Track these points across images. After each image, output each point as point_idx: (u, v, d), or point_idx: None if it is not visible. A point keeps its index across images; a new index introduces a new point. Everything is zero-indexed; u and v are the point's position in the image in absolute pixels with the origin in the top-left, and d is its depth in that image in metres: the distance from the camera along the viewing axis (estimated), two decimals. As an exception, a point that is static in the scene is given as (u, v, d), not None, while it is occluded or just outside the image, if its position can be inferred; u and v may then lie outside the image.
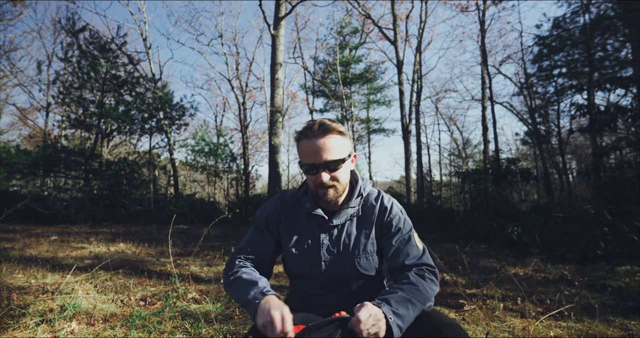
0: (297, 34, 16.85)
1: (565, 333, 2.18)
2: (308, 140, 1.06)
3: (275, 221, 1.19)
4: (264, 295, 0.97)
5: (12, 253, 4.38)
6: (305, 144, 1.07)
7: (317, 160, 1.04)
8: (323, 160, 1.04)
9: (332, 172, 1.07)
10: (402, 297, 0.98)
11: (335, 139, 1.06)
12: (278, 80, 9.65)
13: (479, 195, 7.28)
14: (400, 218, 1.18)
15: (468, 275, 3.74)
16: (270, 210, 1.21)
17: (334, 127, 1.06)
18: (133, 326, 2.19)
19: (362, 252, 1.15)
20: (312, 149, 1.05)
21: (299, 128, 1.10)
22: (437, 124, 28.22)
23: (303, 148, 1.07)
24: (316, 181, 1.07)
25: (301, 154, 1.09)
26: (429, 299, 1.03)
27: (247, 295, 1.00)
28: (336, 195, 1.10)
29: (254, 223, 1.23)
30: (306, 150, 1.06)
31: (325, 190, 1.08)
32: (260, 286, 1.02)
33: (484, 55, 12.68)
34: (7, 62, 16.20)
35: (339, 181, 1.09)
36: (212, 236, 7.02)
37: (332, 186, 1.08)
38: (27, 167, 10.09)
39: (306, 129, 1.07)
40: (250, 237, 1.21)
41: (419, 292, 1.01)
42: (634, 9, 6.92)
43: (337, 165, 1.06)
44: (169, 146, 13.12)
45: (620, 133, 8.11)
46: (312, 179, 1.08)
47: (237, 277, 1.09)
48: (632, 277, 3.62)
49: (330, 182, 1.07)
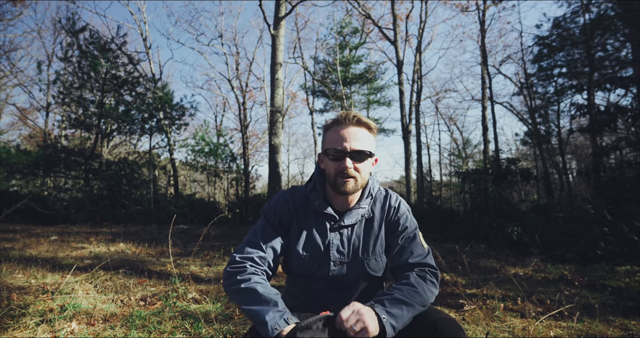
0: (297, 34, 16.86)
1: (565, 333, 2.18)
2: (339, 127, 1.06)
3: (289, 219, 1.15)
4: (286, 323, 0.91)
5: (12, 253, 4.38)
6: (335, 131, 1.07)
7: (345, 146, 1.04)
8: (351, 148, 1.04)
9: (357, 163, 1.06)
10: (397, 299, 0.97)
11: (366, 133, 1.08)
12: (278, 80, 9.65)
13: (479, 195, 7.28)
14: (407, 217, 1.18)
15: (468, 275, 3.74)
16: (283, 207, 1.16)
17: (367, 122, 1.08)
18: (133, 326, 2.19)
19: (372, 253, 1.14)
20: (343, 136, 1.05)
21: (331, 118, 1.12)
22: (437, 124, 28.26)
23: (332, 134, 1.07)
24: (339, 168, 1.05)
25: (329, 139, 1.08)
26: (427, 301, 1.02)
27: (264, 315, 0.92)
28: (355, 188, 1.08)
29: (263, 218, 1.16)
30: (335, 137, 1.06)
31: (346, 180, 1.06)
32: (280, 309, 0.95)
33: (484, 55, 12.68)
34: (7, 62, 16.23)
35: (360, 174, 1.07)
36: (212, 236, 7.03)
37: (353, 177, 1.06)
38: (27, 167, 10.09)
39: (340, 117, 1.07)
40: (262, 232, 1.12)
41: (417, 294, 1.00)
42: (634, 9, 6.92)
43: (364, 157, 1.06)
44: (169, 146, 13.13)
45: (620, 133, 8.11)
46: (335, 166, 1.06)
47: (250, 287, 1.00)
48: (632, 277, 3.62)
49: (352, 172, 1.05)
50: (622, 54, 8.30)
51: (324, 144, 1.11)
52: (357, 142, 1.05)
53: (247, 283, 1.00)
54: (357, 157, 1.05)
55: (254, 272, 1.05)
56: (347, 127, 1.06)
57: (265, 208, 1.18)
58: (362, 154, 1.05)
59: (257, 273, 1.05)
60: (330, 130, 1.10)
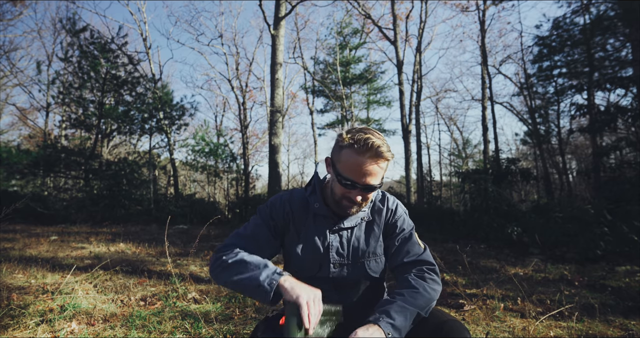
0: (297, 34, 16.86)
1: (565, 333, 2.18)
2: (358, 157, 1.00)
3: (283, 221, 1.16)
4: (280, 275, 0.94)
5: (12, 253, 4.38)
6: (354, 159, 1.00)
7: (360, 180, 1.01)
8: (365, 183, 1.01)
9: (367, 194, 1.06)
10: (401, 306, 0.97)
11: (383, 166, 1.03)
12: (278, 80, 9.65)
13: (479, 195, 7.28)
14: (404, 220, 1.20)
15: (468, 275, 3.74)
16: (279, 209, 1.16)
17: (387, 157, 1.02)
18: (133, 326, 2.19)
19: (372, 255, 1.15)
20: (360, 168, 1.00)
21: (351, 133, 1.02)
22: (437, 124, 28.34)
23: (350, 161, 1.01)
24: (348, 195, 1.05)
25: (345, 164, 1.02)
26: (431, 300, 1.03)
27: (258, 278, 0.93)
28: (357, 211, 1.10)
29: (257, 215, 1.17)
30: (353, 166, 1.01)
31: (351, 206, 1.07)
32: (271, 267, 0.97)
33: (484, 55, 12.68)
34: (7, 62, 16.21)
35: (367, 202, 1.09)
36: (212, 236, 7.03)
37: (359, 204, 1.07)
38: (27, 167, 10.09)
39: (361, 143, 0.99)
40: (253, 227, 1.13)
41: (419, 295, 1.01)
42: (634, 9, 6.92)
43: (375, 190, 1.06)
44: (169, 146, 13.13)
45: (620, 133, 8.11)
46: (344, 192, 1.05)
47: (238, 259, 1.01)
48: (632, 277, 3.62)
49: (360, 201, 1.06)
50: (622, 54, 8.30)
51: (338, 162, 1.05)
52: (372, 178, 1.01)
53: (234, 257, 1.02)
54: (369, 190, 1.05)
55: (241, 251, 1.06)
56: (367, 161, 1.00)
57: (261, 207, 1.18)
58: (374, 188, 1.04)
59: (245, 250, 1.07)
60: (348, 152, 1.02)
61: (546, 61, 9.96)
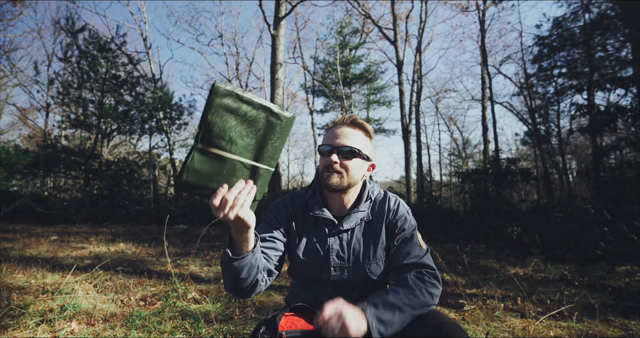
0: (297, 34, 16.86)
1: (565, 333, 2.18)
2: (335, 127, 1.12)
3: (287, 222, 1.16)
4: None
5: (12, 253, 4.38)
6: (331, 130, 1.12)
7: (333, 143, 1.08)
8: (338, 143, 1.07)
9: (344, 159, 1.07)
10: (391, 303, 0.95)
11: (358, 134, 1.10)
12: (278, 80, 9.65)
13: (479, 195, 7.27)
14: (406, 219, 1.17)
15: (468, 275, 3.74)
16: (282, 210, 1.17)
17: (362, 124, 1.12)
18: (133, 326, 2.19)
19: (373, 258, 1.13)
20: (335, 134, 1.10)
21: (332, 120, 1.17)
22: (437, 124, 28.29)
23: (327, 133, 1.13)
24: (326, 162, 1.08)
25: (323, 138, 1.13)
26: (426, 304, 1.00)
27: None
28: (339, 183, 1.08)
29: (262, 221, 1.17)
30: (329, 134, 1.12)
31: (331, 174, 1.07)
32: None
33: (484, 55, 12.68)
34: (7, 62, 16.21)
35: (347, 171, 1.07)
36: (212, 236, 7.02)
37: (338, 172, 1.07)
38: (27, 167, 10.09)
39: (338, 119, 1.13)
40: (260, 231, 1.12)
41: (414, 296, 0.98)
42: (634, 9, 6.92)
43: (351, 154, 1.07)
44: (169, 146, 13.13)
45: (620, 133, 8.11)
46: (323, 161, 1.10)
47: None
48: (632, 277, 3.62)
49: (337, 167, 1.06)
50: (622, 54, 8.31)
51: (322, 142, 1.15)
52: (346, 140, 1.07)
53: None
54: (344, 153, 1.07)
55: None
56: (341, 127, 1.10)
57: (265, 212, 1.20)
58: (350, 151, 1.07)
59: None
60: (328, 130, 1.15)
61: (546, 61, 9.97)
